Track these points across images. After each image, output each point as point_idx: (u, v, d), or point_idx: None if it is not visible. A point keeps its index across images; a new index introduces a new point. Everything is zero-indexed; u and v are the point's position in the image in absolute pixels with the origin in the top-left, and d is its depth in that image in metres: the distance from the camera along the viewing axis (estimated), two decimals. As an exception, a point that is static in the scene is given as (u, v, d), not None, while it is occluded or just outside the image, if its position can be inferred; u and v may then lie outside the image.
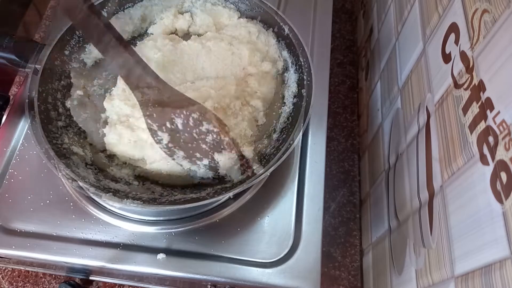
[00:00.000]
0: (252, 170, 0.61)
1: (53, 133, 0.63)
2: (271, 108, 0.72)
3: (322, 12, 0.86)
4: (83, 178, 0.58)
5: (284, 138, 0.63)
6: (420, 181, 0.61)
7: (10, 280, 0.80)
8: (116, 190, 0.61)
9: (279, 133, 0.67)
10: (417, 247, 0.60)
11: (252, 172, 0.61)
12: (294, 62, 0.70)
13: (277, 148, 0.63)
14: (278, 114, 0.70)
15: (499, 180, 0.41)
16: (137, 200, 0.58)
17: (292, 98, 0.69)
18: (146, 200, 0.59)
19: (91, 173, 0.62)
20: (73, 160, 0.63)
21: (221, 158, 0.61)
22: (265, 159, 0.63)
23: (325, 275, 0.83)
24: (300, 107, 0.65)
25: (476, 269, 0.44)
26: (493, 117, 0.43)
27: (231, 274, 0.61)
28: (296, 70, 0.69)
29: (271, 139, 0.67)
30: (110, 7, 0.72)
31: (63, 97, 0.68)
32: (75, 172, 0.58)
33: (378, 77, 0.90)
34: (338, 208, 0.90)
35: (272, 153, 0.63)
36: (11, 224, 0.64)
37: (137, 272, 0.62)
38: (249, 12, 0.77)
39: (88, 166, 0.64)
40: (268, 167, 0.59)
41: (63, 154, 0.62)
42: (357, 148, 0.97)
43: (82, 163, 0.63)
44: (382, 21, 0.90)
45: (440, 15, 0.59)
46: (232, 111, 0.66)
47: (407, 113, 0.70)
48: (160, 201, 0.60)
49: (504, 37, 0.43)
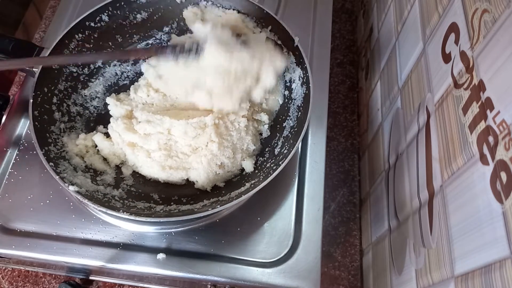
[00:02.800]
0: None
1: (55, 134, 0.63)
2: (276, 121, 0.71)
3: (322, 12, 0.86)
4: (77, 184, 0.58)
5: (285, 153, 0.62)
6: (420, 181, 0.61)
7: (10, 280, 0.80)
8: (112, 196, 0.61)
9: (281, 147, 0.66)
10: (417, 247, 0.60)
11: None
12: (302, 75, 0.68)
13: (277, 163, 0.61)
14: (282, 128, 0.69)
15: (499, 180, 0.41)
16: (132, 208, 0.58)
17: (297, 112, 0.68)
18: (141, 209, 0.59)
19: (89, 177, 0.62)
20: (72, 163, 0.63)
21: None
22: (264, 173, 0.63)
23: (325, 275, 0.83)
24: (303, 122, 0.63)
25: (476, 269, 0.44)
26: (493, 117, 0.43)
27: (231, 274, 0.61)
28: (303, 83, 0.68)
29: (273, 153, 0.66)
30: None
31: (66, 99, 0.68)
32: (67, 178, 0.58)
33: (378, 77, 0.90)
34: (338, 208, 0.90)
35: (272, 167, 0.62)
36: (11, 224, 0.64)
37: (137, 272, 0.62)
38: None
39: (87, 169, 0.64)
40: (264, 181, 0.58)
41: (63, 156, 0.62)
42: (357, 148, 0.97)
43: (82, 166, 0.64)
44: (382, 21, 0.90)
45: (440, 15, 0.59)
46: (236, 127, 0.66)
47: (407, 113, 0.70)
48: (155, 211, 0.59)
49: (504, 37, 0.43)
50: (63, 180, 0.56)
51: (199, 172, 0.63)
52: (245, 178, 0.65)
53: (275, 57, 0.64)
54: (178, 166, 0.64)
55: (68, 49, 0.68)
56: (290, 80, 0.71)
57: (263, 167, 0.65)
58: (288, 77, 0.71)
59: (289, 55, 0.70)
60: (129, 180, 0.65)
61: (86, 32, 0.69)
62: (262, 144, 0.69)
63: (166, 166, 0.63)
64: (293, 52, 0.69)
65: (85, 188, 0.58)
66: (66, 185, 0.56)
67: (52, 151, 0.61)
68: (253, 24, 0.74)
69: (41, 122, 0.62)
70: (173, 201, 0.63)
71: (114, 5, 0.70)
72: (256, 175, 0.64)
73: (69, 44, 0.67)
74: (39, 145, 0.58)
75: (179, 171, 0.64)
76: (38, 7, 1.07)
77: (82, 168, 0.63)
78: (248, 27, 0.74)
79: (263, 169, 0.64)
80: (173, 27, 0.77)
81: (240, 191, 0.61)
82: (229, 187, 0.65)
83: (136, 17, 0.74)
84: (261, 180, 0.58)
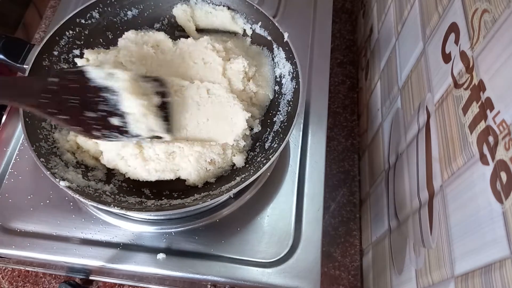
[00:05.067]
0: None
1: (46, 130, 0.63)
2: (266, 116, 0.71)
3: (322, 12, 0.87)
4: (68, 179, 0.58)
5: (275, 147, 0.62)
6: (420, 181, 0.61)
7: (10, 280, 0.80)
8: (104, 191, 0.61)
9: (271, 141, 0.66)
10: (417, 247, 0.60)
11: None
12: (292, 70, 0.68)
13: (267, 157, 0.61)
14: (273, 123, 0.69)
15: (499, 180, 0.41)
16: (123, 203, 0.58)
17: (287, 107, 0.68)
18: (132, 204, 0.59)
19: (80, 173, 0.62)
20: (64, 159, 0.62)
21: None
22: (254, 167, 0.62)
23: (325, 275, 0.83)
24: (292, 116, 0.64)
25: (476, 269, 0.44)
26: (493, 117, 0.43)
27: (231, 274, 0.61)
28: (292, 78, 0.68)
29: (263, 148, 0.66)
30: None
31: None
32: (58, 174, 0.58)
33: (378, 77, 0.90)
34: (338, 208, 0.90)
35: (262, 162, 0.62)
36: (11, 224, 0.64)
37: (137, 272, 0.62)
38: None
39: (78, 164, 0.64)
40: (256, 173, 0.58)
41: (54, 152, 0.62)
42: (357, 148, 0.97)
43: (73, 161, 0.63)
44: (382, 21, 0.90)
45: (440, 15, 0.59)
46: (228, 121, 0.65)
47: (407, 113, 0.70)
48: (146, 205, 0.59)
49: (504, 37, 0.43)
50: (54, 176, 0.56)
51: (189, 171, 0.62)
52: (235, 172, 0.65)
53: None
54: (164, 169, 0.62)
55: (59, 45, 0.67)
56: (280, 76, 0.71)
57: (254, 162, 0.65)
58: (278, 72, 0.72)
59: (279, 50, 0.71)
60: (120, 176, 0.65)
61: (77, 29, 0.69)
62: (253, 139, 0.69)
63: (152, 170, 0.62)
64: (283, 48, 0.70)
65: (76, 183, 0.58)
66: (57, 180, 0.56)
67: (43, 147, 0.61)
68: (243, 21, 0.75)
69: (32, 118, 0.61)
70: (164, 196, 0.63)
71: (105, 2, 0.70)
72: (247, 169, 0.63)
73: (59, 41, 0.67)
74: (30, 141, 0.58)
75: (166, 173, 0.63)
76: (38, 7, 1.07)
77: (73, 164, 0.63)
78: (238, 23, 0.75)
79: (254, 163, 0.64)
80: (164, 24, 0.77)
81: (230, 185, 0.60)
82: (219, 182, 0.64)
83: (126, 14, 0.74)
84: (251, 174, 0.58)
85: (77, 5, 0.85)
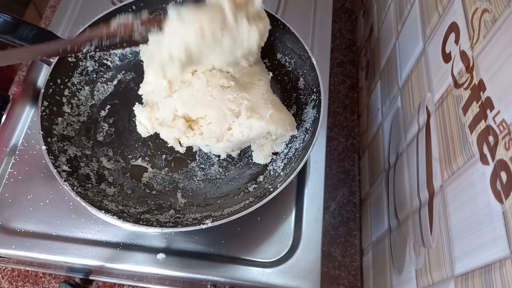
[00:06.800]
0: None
1: (58, 126, 0.64)
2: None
3: (322, 12, 0.86)
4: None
5: (284, 177, 0.61)
6: (420, 180, 0.61)
7: (10, 280, 0.80)
8: (107, 195, 0.61)
9: (282, 169, 0.64)
10: (417, 246, 0.60)
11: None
12: (315, 98, 0.66)
13: (275, 186, 0.60)
14: (288, 148, 0.67)
15: (499, 180, 0.41)
16: (126, 213, 0.58)
17: (304, 134, 0.65)
18: (133, 214, 0.59)
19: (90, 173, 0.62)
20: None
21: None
22: (260, 193, 0.62)
23: (325, 274, 0.83)
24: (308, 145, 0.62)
25: (476, 268, 0.44)
26: (493, 117, 0.43)
27: (231, 274, 0.61)
28: (314, 106, 0.66)
29: (274, 175, 0.65)
30: None
31: (77, 93, 0.68)
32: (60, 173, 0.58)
33: (378, 76, 0.90)
34: (338, 208, 0.90)
35: (268, 189, 0.61)
36: (11, 224, 0.64)
37: (137, 271, 0.62)
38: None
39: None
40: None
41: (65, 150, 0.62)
42: (357, 147, 0.97)
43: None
44: (382, 21, 0.90)
45: (440, 15, 0.59)
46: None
47: (407, 112, 0.70)
48: (147, 220, 0.59)
49: (504, 36, 0.43)
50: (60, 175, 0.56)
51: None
52: (242, 195, 0.64)
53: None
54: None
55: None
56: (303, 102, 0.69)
57: (261, 187, 0.64)
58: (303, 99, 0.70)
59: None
60: (127, 180, 0.65)
61: None
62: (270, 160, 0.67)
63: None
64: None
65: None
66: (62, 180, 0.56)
67: (54, 143, 0.61)
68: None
69: (53, 112, 0.63)
70: (165, 208, 0.63)
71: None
72: (252, 194, 0.63)
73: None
74: (44, 137, 0.59)
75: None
76: (38, 7, 1.07)
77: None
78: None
79: (260, 188, 0.63)
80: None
81: (233, 209, 0.60)
82: (223, 203, 0.63)
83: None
84: (256, 201, 0.57)
85: (77, 6, 0.86)
